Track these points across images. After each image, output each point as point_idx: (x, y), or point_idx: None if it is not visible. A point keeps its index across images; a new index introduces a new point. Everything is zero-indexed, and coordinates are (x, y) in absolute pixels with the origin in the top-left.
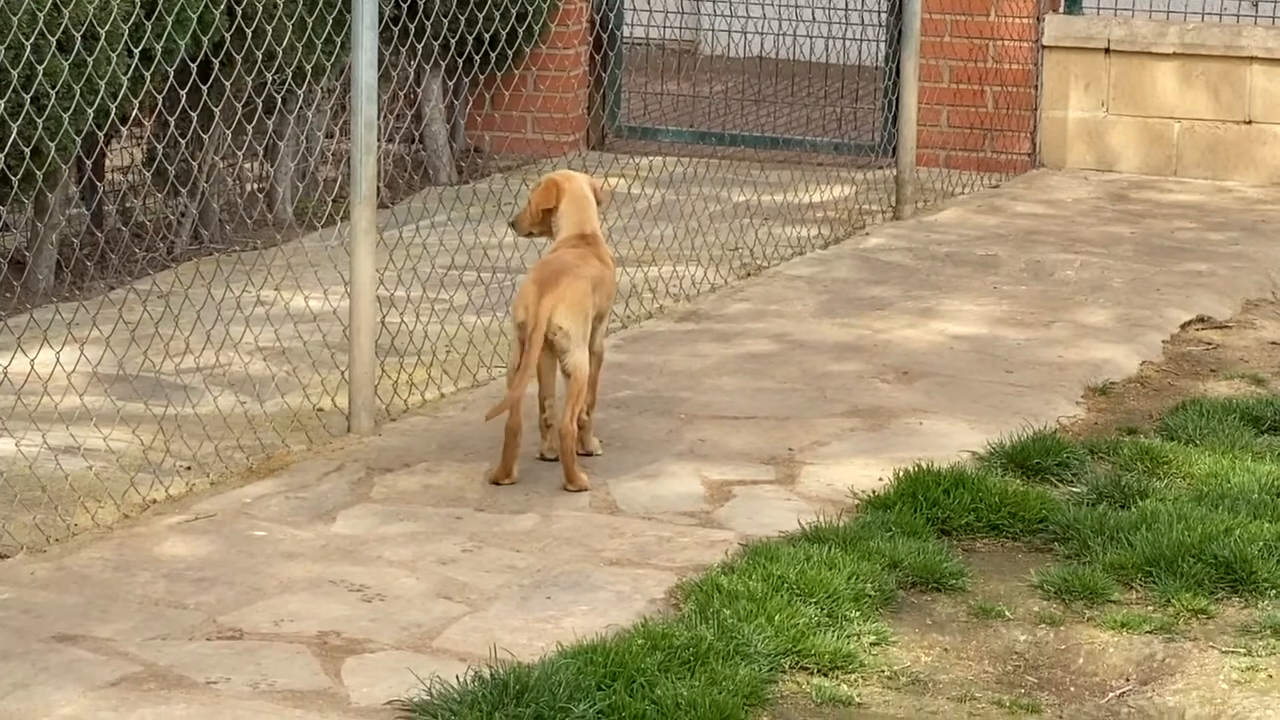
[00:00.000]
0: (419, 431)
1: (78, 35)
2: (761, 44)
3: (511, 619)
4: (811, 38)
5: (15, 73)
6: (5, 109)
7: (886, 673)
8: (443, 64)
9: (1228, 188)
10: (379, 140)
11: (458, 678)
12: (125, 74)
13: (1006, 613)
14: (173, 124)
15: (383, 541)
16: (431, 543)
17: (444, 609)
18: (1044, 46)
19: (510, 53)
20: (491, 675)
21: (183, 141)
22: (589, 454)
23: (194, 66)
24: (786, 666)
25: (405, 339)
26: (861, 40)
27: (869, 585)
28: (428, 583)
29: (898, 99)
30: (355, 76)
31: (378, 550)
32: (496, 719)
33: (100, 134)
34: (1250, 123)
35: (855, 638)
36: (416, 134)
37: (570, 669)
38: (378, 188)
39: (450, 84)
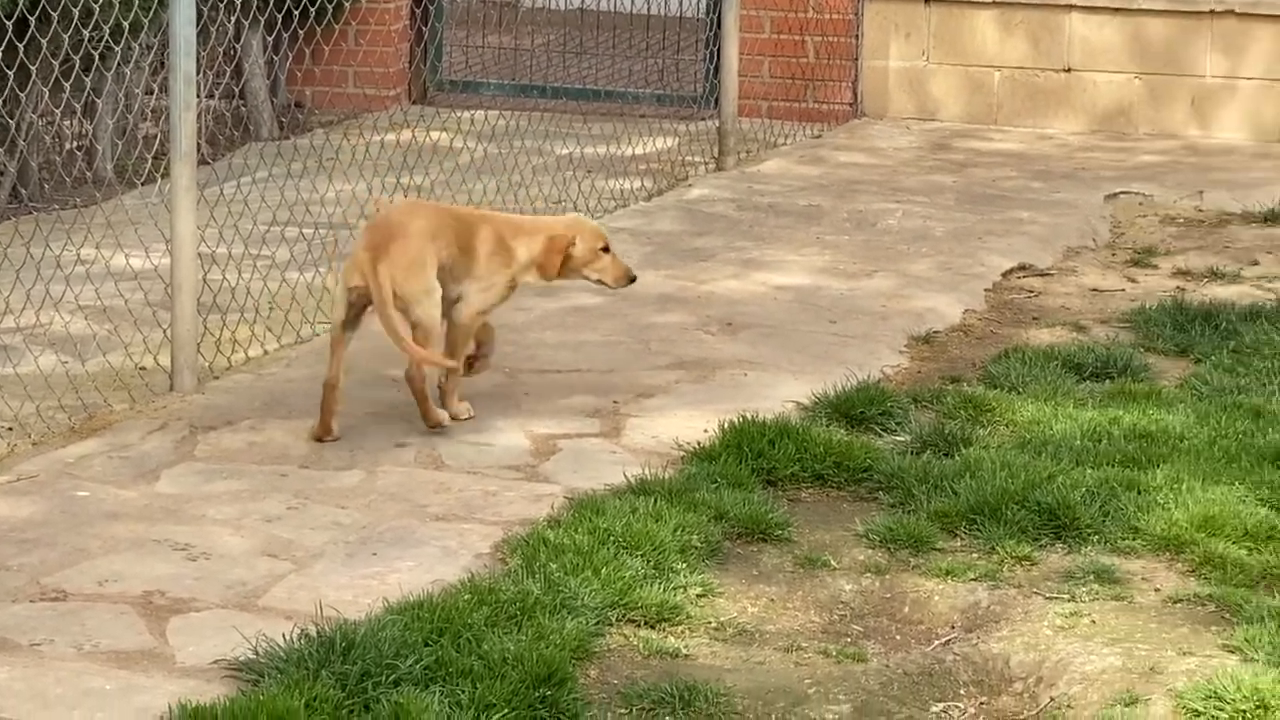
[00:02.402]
0: (243, 389)
1: None
2: None
3: (337, 576)
4: None
5: None
6: None
7: (713, 624)
8: (262, 19)
9: (1048, 135)
10: (199, 96)
11: (284, 636)
12: None
13: (832, 562)
14: None
15: (207, 500)
16: (256, 501)
17: (269, 567)
18: None
19: (330, 7)
20: (318, 633)
21: None
22: (449, 421)
23: (9, 24)
24: (613, 619)
25: (227, 296)
26: None
27: (695, 537)
28: (253, 541)
29: (719, 50)
30: (173, 32)
31: (202, 509)
32: (323, 676)
33: None
34: (1070, 70)
35: (682, 590)
36: (237, 90)
37: (397, 625)
38: (198, 144)
39: (270, 39)
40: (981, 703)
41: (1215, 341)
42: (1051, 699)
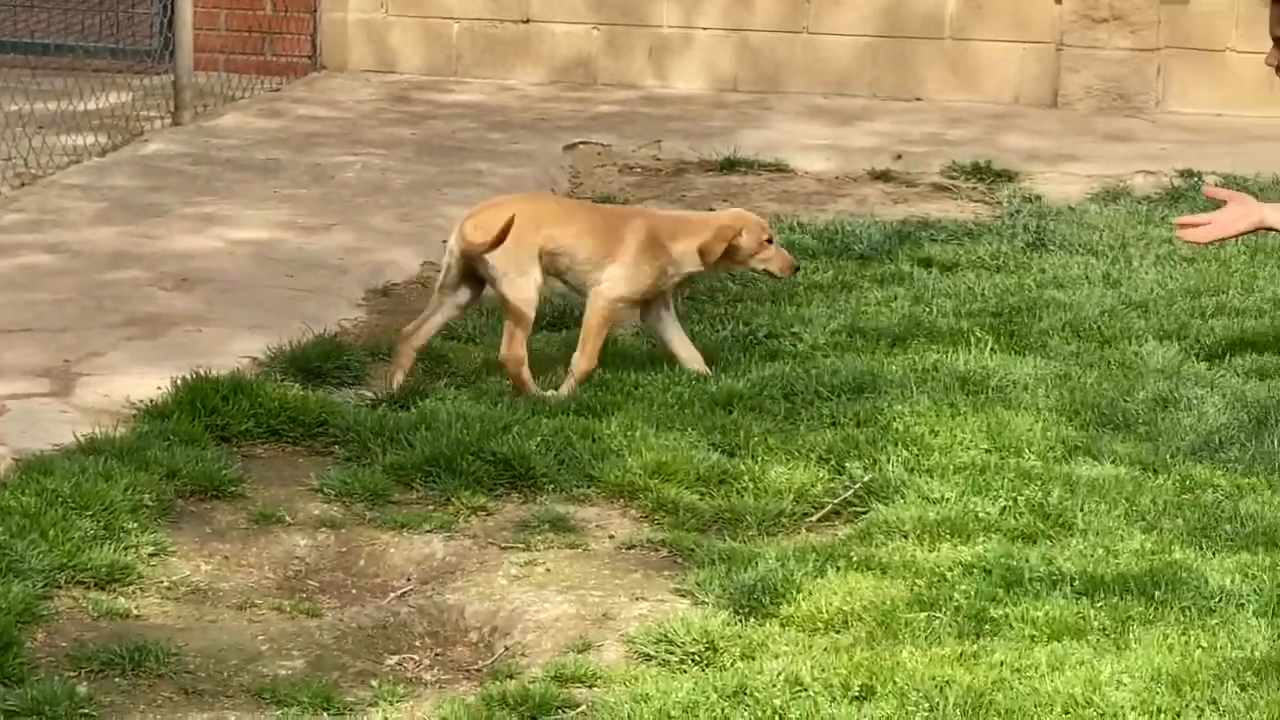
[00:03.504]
0: None
1: None
2: None
3: None
4: None
5: None
6: None
7: (165, 583)
8: None
9: (509, 87)
10: None
11: None
12: None
13: (287, 518)
14: None
15: None
16: None
17: None
18: None
19: None
20: None
21: None
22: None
23: None
24: (62, 581)
25: None
26: None
27: (147, 496)
28: None
29: (173, 2)
30: None
31: None
32: None
33: None
34: (529, 21)
35: (133, 549)
36: None
37: None
38: None
39: None
40: (437, 654)
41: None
42: (506, 648)
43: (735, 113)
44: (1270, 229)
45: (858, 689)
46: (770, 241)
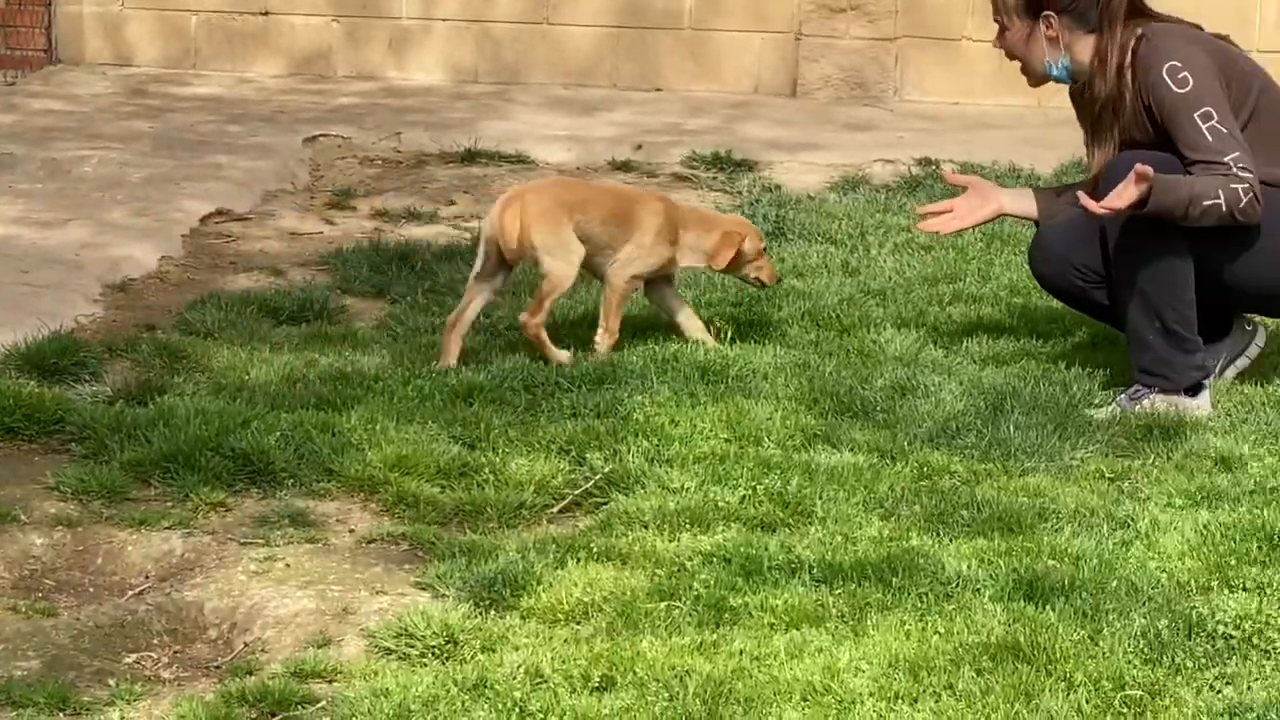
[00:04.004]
0: None
1: None
2: None
3: None
4: None
5: None
6: None
7: None
8: None
9: (248, 79)
10: None
11: None
12: None
13: (22, 517)
14: None
15: None
16: None
17: None
18: None
19: None
20: None
21: None
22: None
23: None
24: None
25: None
26: None
27: None
28: None
29: None
30: None
31: None
32: None
33: None
34: (268, 14)
35: None
36: None
37: None
38: None
39: None
40: (176, 651)
41: (412, 282)
42: (245, 644)
43: (476, 104)
44: (1009, 215)
45: (598, 680)
46: (764, 251)
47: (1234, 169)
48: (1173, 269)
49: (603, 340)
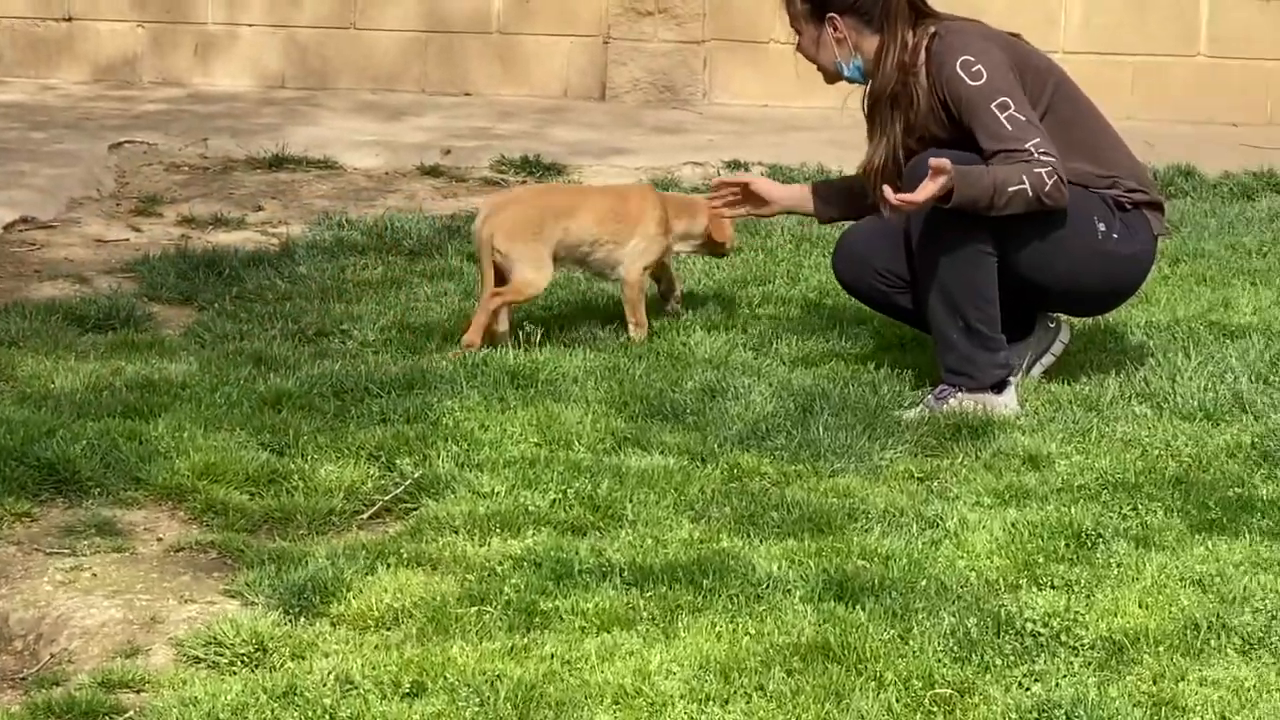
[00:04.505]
0: None
1: None
2: None
3: None
4: None
5: None
6: None
7: None
8: None
9: (51, 86)
10: None
11: None
12: None
13: None
14: None
15: None
16: None
17: None
18: None
19: None
20: None
21: None
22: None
23: None
24: None
25: None
26: None
27: None
28: None
29: None
30: None
31: None
32: None
33: None
34: (71, 19)
35: None
36: None
37: None
38: None
39: None
40: None
41: (219, 289)
42: (52, 655)
43: (284, 110)
44: (789, 213)
45: (408, 686)
46: None
47: (1035, 154)
48: (976, 268)
49: (636, 333)
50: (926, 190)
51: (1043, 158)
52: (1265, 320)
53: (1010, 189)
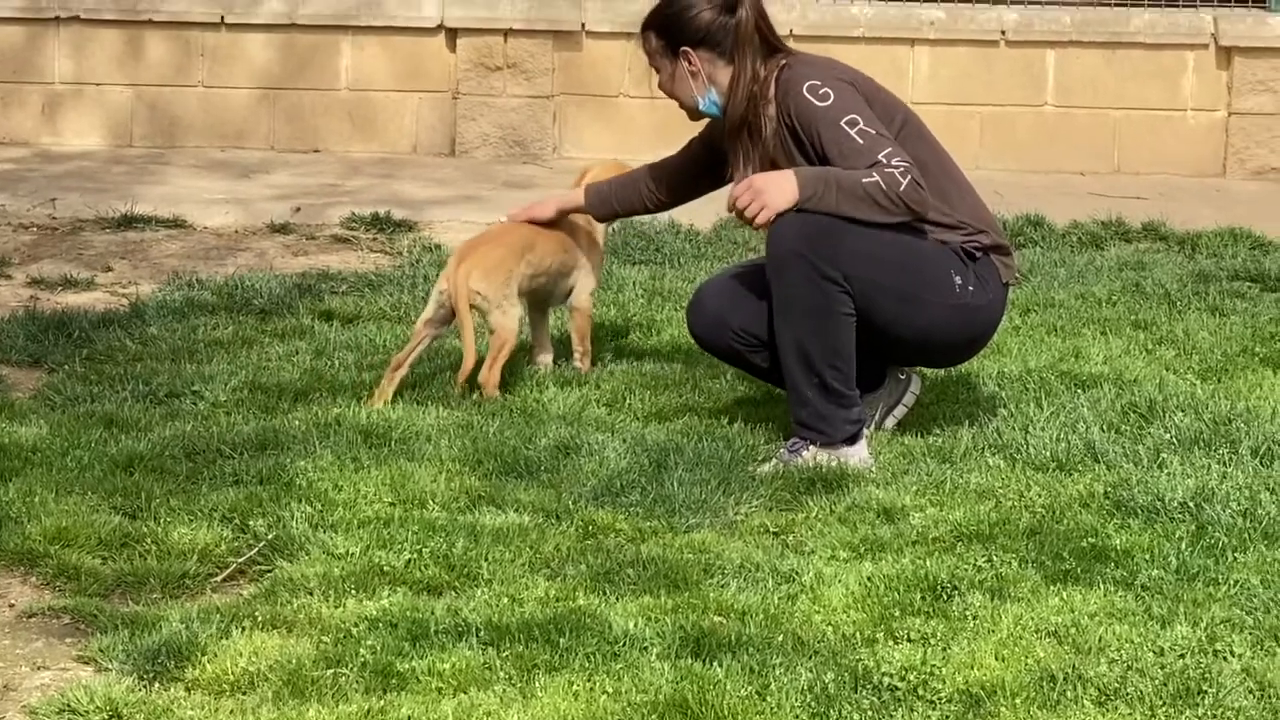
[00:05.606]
0: None
1: None
2: None
3: None
4: None
5: None
6: None
7: None
8: None
9: None
10: None
11: None
12: None
13: None
14: None
15: None
16: None
17: None
18: None
19: None
20: None
21: None
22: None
23: None
24: None
25: None
26: None
27: None
28: None
29: None
30: None
31: None
32: None
33: None
34: None
35: None
36: None
37: None
38: None
39: None
40: None
41: (69, 350)
42: None
43: (133, 168)
44: (565, 210)
45: None
46: None
47: (888, 162)
48: (836, 328)
49: (583, 362)
50: (761, 216)
51: (895, 163)
52: (1116, 369)
53: (865, 180)
